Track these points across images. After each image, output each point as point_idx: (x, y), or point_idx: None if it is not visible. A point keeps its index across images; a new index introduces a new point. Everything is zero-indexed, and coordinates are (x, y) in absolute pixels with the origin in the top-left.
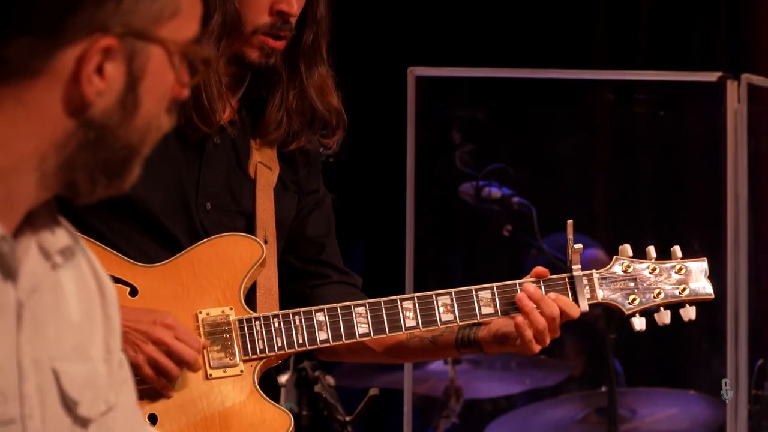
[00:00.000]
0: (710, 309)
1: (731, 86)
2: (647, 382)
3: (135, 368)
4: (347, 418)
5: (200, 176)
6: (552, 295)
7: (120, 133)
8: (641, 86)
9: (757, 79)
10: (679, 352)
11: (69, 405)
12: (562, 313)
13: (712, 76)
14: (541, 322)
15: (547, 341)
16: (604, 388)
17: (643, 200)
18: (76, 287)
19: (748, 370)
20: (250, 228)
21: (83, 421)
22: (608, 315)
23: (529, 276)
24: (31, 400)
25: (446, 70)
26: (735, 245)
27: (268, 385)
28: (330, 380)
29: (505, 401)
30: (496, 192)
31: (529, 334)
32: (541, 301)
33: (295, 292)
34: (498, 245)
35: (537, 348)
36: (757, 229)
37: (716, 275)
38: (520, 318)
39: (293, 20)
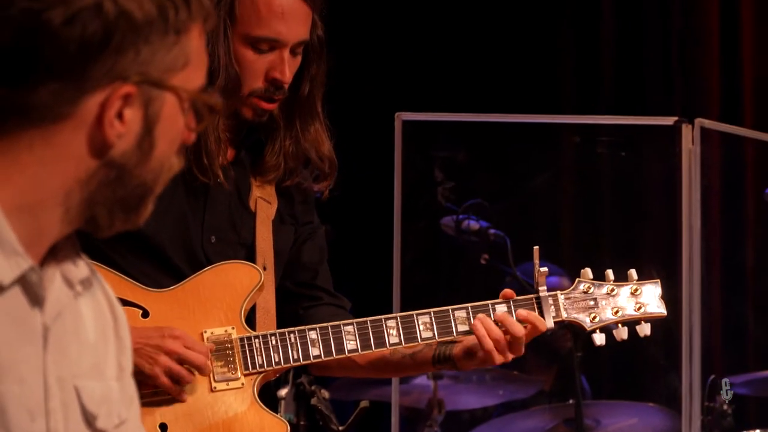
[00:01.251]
0: (667, 329)
1: (686, 129)
2: (610, 395)
3: (152, 379)
4: (341, 428)
5: (205, 213)
6: (523, 312)
7: (137, 173)
8: (604, 129)
9: (709, 123)
10: (638, 368)
11: (89, 419)
12: (532, 327)
13: (669, 120)
14: (496, 334)
15: (509, 356)
16: (571, 401)
17: (606, 232)
18: (92, 313)
19: (701, 385)
20: (250, 257)
21: None
22: (575, 335)
23: (498, 297)
24: (56, 415)
25: (430, 115)
26: (689, 272)
27: (267, 396)
28: (325, 393)
29: (482, 412)
30: (474, 224)
31: (490, 344)
32: (512, 326)
33: (291, 312)
34: (476, 272)
35: (499, 359)
36: (709, 257)
37: (672, 299)
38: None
39: (286, 85)
